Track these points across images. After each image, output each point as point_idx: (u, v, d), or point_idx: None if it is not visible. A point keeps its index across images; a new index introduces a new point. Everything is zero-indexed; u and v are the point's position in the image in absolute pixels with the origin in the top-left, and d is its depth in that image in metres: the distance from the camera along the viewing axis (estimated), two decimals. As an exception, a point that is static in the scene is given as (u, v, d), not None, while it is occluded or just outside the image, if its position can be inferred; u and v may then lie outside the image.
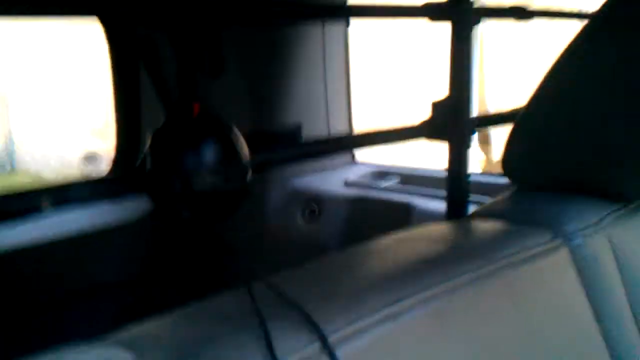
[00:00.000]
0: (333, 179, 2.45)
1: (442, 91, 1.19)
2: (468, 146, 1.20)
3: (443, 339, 0.76)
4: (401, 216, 2.12)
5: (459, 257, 0.87)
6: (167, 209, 0.81)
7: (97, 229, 2.32)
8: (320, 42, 2.46)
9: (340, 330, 0.69)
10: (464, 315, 0.78)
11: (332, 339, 0.68)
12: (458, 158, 1.19)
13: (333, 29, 2.47)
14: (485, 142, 5.10)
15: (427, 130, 1.20)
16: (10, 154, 8.80)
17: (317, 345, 0.67)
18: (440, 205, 2.08)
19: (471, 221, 1.09)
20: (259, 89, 2.42)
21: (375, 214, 2.21)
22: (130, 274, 2.50)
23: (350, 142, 1.24)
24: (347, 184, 2.37)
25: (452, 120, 1.18)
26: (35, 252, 2.18)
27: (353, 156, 2.60)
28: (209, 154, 0.82)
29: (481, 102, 5.23)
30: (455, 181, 1.21)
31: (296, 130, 2.46)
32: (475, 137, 1.23)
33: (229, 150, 0.84)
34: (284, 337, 0.67)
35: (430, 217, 2.04)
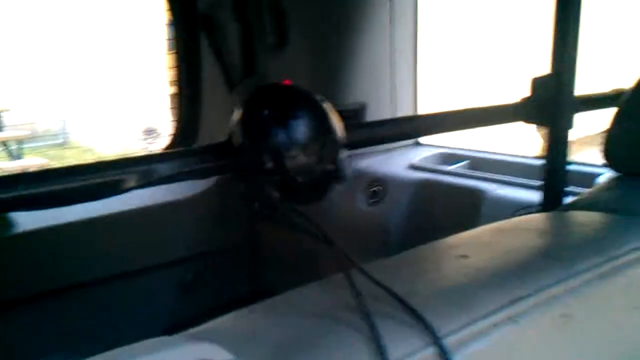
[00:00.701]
0: (396, 161, 2.35)
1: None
2: (569, 129, 1.10)
3: (569, 344, 0.67)
4: (471, 202, 2.01)
5: (578, 251, 0.78)
6: (255, 187, 0.74)
7: (159, 203, 2.29)
8: (387, 16, 2.35)
9: (455, 334, 0.61)
10: (592, 316, 0.69)
11: (447, 342, 0.60)
12: (557, 143, 1.09)
13: (401, 1, 2.36)
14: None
15: (525, 111, 1.09)
16: (63, 128, 8.95)
17: (431, 351, 0.59)
18: (513, 192, 1.97)
19: (576, 212, 0.98)
20: (322, 64, 2.33)
21: (443, 199, 2.11)
22: (192, 250, 2.47)
23: (434, 124, 1.14)
24: (412, 166, 2.28)
25: (553, 100, 1.08)
26: (100, 225, 2.17)
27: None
28: (302, 130, 0.74)
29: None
30: (554, 168, 1.10)
31: (360, 108, 2.37)
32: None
33: (323, 125, 0.76)
34: (395, 339, 0.59)
35: (502, 204, 1.94)
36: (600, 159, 1.12)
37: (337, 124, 0.79)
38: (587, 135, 2.00)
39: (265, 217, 0.72)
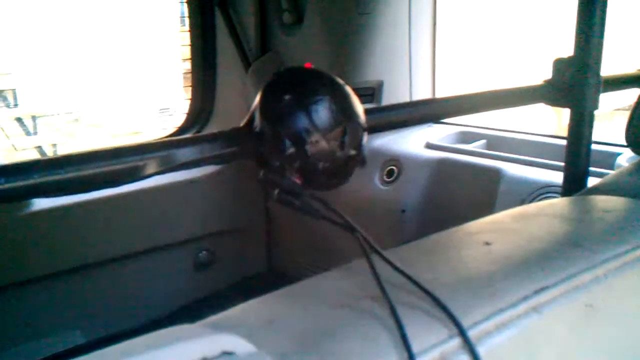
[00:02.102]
0: (412, 140, 2.33)
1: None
2: (593, 110, 1.08)
3: (594, 335, 0.66)
4: (488, 182, 2.00)
5: (602, 239, 0.76)
6: (275, 173, 0.73)
7: (175, 181, 2.29)
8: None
9: (480, 324, 0.60)
10: (618, 306, 0.68)
11: (472, 333, 0.59)
12: (582, 124, 1.07)
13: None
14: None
15: (548, 92, 1.07)
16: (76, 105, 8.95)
17: (457, 342, 0.58)
18: (531, 172, 1.95)
19: (599, 197, 0.97)
20: (339, 42, 2.31)
21: (460, 178, 2.10)
22: (208, 228, 2.48)
23: (456, 106, 1.11)
24: (429, 145, 2.26)
25: (576, 82, 1.05)
26: (115, 204, 2.17)
27: (434, 116, 2.47)
28: (324, 115, 0.73)
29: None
30: (577, 149, 1.09)
31: (377, 87, 2.35)
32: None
33: (345, 110, 0.75)
34: (418, 329, 0.58)
35: (520, 184, 1.92)
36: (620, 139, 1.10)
37: (360, 108, 0.78)
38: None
39: (285, 204, 0.71)
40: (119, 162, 0.67)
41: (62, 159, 0.67)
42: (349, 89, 0.77)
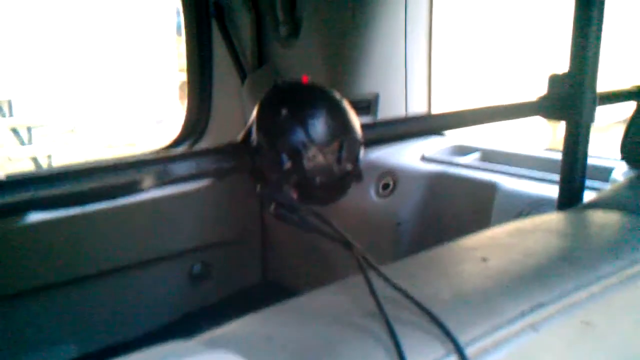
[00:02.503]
0: (408, 152, 2.33)
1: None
2: (589, 126, 1.08)
3: (590, 352, 0.65)
4: (484, 195, 2.00)
5: (598, 255, 0.76)
6: (272, 188, 0.72)
7: (170, 193, 2.29)
8: (402, 6, 2.33)
9: (476, 342, 0.60)
10: (615, 323, 0.68)
11: (469, 351, 0.59)
12: (578, 138, 1.07)
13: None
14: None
15: (543, 107, 1.08)
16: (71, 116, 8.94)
17: (453, 359, 0.58)
18: (526, 185, 1.95)
19: (595, 212, 0.97)
20: (335, 54, 2.32)
21: (456, 191, 2.10)
22: (202, 240, 2.47)
23: (453, 120, 1.11)
24: (425, 158, 2.26)
25: (572, 96, 1.06)
26: (110, 216, 2.16)
27: (429, 129, 2.48)
28: (321, 129, 0.73)
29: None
30: (572, 163, 1.09)
31: (373, 99, 2.35)
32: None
33: (342, 125, 0.75)
34: (415, 346, 0.58)
35: (515, 197, 1.92)
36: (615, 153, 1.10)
37: (357, 123, 0.78)
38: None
39: (282, 219, 0.71)
40: (115, 176, 0.67)
41: (58, 173, 0.66)
42: (346, 103, 0.77)
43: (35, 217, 2.04)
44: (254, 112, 0.75)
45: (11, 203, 0.62)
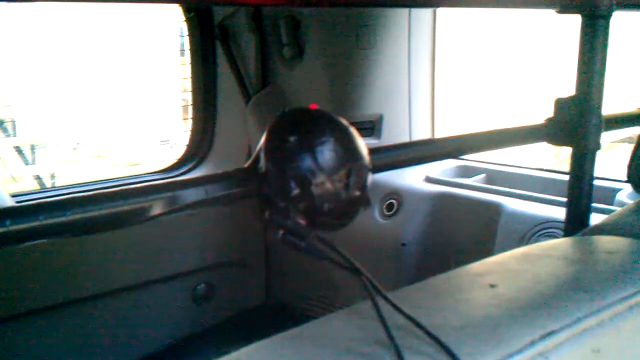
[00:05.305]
0: (413, 173, 2.34)
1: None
2: (595, 150, 1.08)
3: (601, 383, 0.65)
4: (489, 216, 2.00)
5: (607, 282, 0.76)
6: (280, 214, 0.73)
7: (173, 214, 2.29)
8: (405, 29, 2.34)
9: (487, 371, 0.60)
10: (625, 350, 0.67)
11: (479, 380, 0.58)
12: (584, 162, 1.07)
13: (420, 17, 2.35)
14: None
15: (549, 132, 1.08)
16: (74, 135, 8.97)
17: (464, 389, 0.57)
18: (531, 207, 1.95)
19: (603, 238, 0.97)
20: (339, 76, 2.33)
21: (460, 213, 2.10)
22: (206, 260, 2.46)
23: (460, 145, 1.11)
24: (429, 179, 2.26)
25: (578, 121, 1.06)
26: (114, 236, 2.16)
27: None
28: (329, 156, 0.73)
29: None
30: (579, 187, 1.09)
31: (377, 120, 2.36)
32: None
33: (350, 151, 0.75)
34: (425, 376, 0.58)
35: (520, 219, 1.92)
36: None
37: (364, 149, 0.78)
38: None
39: (291, 245, 0.71)
40: (124, 204, 0.67)
41: (67, 201, 0.67)
42: (353, 130, 0.77)
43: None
44: (262, 139, 0.75)
45: (21, 231, 0.63)
